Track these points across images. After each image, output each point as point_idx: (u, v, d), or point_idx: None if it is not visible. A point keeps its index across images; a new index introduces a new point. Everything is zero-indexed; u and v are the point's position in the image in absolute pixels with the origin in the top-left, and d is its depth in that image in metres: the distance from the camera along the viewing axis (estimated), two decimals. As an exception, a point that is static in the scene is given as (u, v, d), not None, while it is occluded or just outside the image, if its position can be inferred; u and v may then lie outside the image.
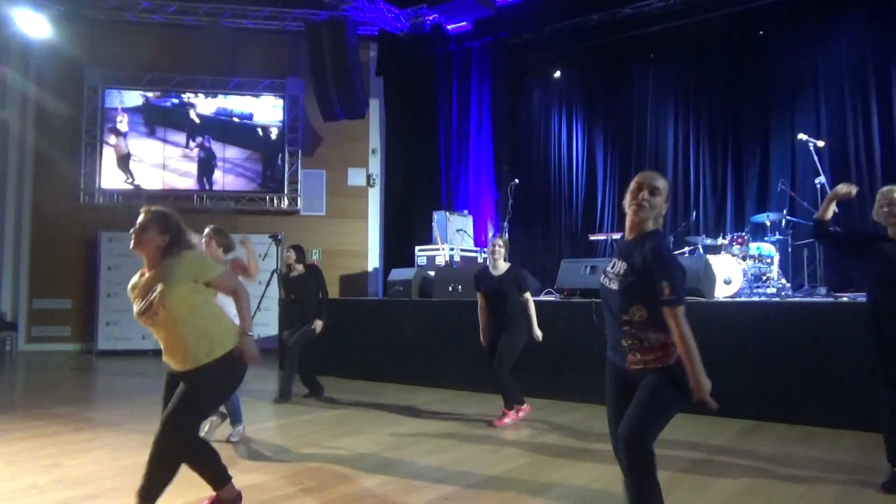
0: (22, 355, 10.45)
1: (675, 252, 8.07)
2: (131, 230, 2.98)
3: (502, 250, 5.30)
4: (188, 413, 2.90)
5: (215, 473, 3.06)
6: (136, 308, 2.95)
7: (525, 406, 5.41)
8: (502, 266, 5.31)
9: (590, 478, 3.81)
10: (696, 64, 9.98)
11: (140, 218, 2.99)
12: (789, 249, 7.52)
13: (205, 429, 4.34)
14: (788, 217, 7.58)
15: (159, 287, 2.84)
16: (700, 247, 8.02)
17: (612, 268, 2.51)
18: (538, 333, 5.24)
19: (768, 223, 7.72)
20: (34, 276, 10.88)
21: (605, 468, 3.96)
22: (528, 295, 5.27)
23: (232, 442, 4.59)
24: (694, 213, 9.21)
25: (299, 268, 6.41)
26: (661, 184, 2.51)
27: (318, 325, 6.27)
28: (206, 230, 4.51)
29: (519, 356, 5.24)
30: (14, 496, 3.36)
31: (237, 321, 3.09)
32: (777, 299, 6.56)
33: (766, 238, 7.65)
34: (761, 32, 9.21)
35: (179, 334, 2.88)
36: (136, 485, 2.86)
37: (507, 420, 5.29)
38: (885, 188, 3.49)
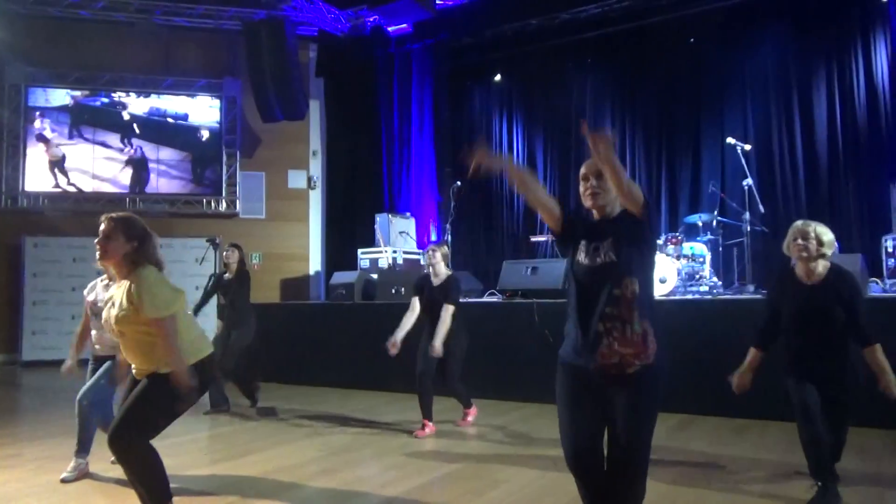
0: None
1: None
2: (96, 241, 2.85)
3: (437, 258, 5.16)
4: (143, 410, 2.80)
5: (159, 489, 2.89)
6: (104, 316, 2.91)
7: (473, 409, 5.43)
8: (443, 273, 5.19)
9: (533, 476, 3.85)
10: (631, 69, 10.27)
11: (102, 227, 2.85)
12: (720, 249, 7.81)
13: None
14: (719, 218, 7.87)
15: (122, 310, 2.77)
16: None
17: (592, 248, 2.37)
18: (437, 346, 4.90)
19: (700, 224, 7.98)
20: None
21: (547, 465, 4.01)
22: (449, 307, 4.99)
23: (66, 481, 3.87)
24: (630, 215, 9.45)
25: (233, 269, 6.19)
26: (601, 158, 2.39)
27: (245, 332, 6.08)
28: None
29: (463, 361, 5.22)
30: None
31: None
32: (709, 297, 6.81)
33: (698, 238, 7.91)
34: (692, 40, 9.55)
35: (139, 349, 2.85)
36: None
37: (469, 418, 5.36)
38: (799, 222, 3.47)
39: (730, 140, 7.45)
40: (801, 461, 3.42)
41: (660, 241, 7.90)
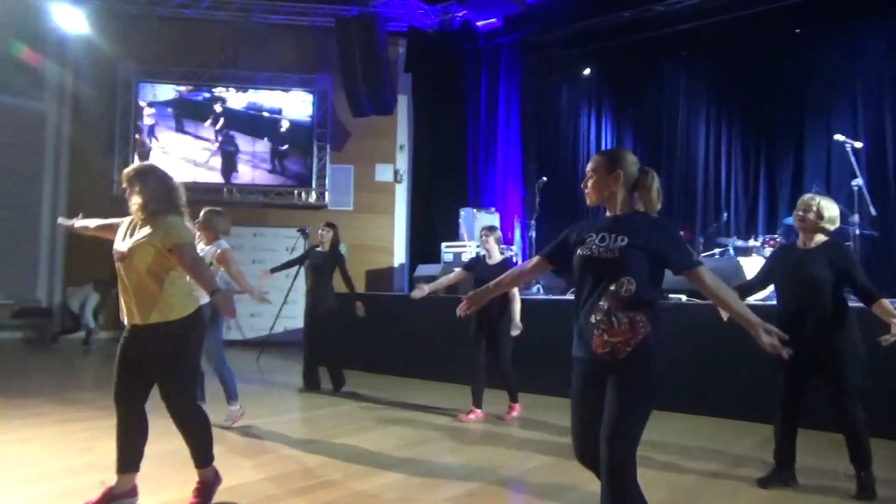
0: (59, 342, 10.69)
1: (704, 254, 7.98)
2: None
3: (491, 241, 5.43)
4: (187, 373, 3.11)
5: (205, 446, 3.17)
6: (115, 247, 3.12)
7: (518, 406, 5.48)
8: (497, 257, 5.46)
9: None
10: (729, 62, 9.81)
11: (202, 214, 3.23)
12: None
13: None
14: (823, 219, 7.42)
15: (136, 239, 3.01)
16: (731, 248, 7.90)
17: (601, 240, 2.43)
18: (518, 326, 5.20)
19: (803, 225, 7.54)
20: (68, 266, 11.13)
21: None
22: (513, 290, 5.17)
23: (224, 427, 4.71)
24: (725, 215, 9.07)
25: (326, 246, 6.48)
26: (591, 165, 2.58)
27: (359, 307, 6.46)
28: (203, 211, 4.79)
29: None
30: (49, 478, 3.45)
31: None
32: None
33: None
34: (797, 31, 9.02)
35: (139, 293, 3.02)
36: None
37: (514, 413, 5.41)
38: (807, 195, 3.67)
39: (838, 137, 6.97)
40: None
41: (757, 243, 7.56)
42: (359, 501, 3.29)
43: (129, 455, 3.10)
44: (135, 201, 3.10)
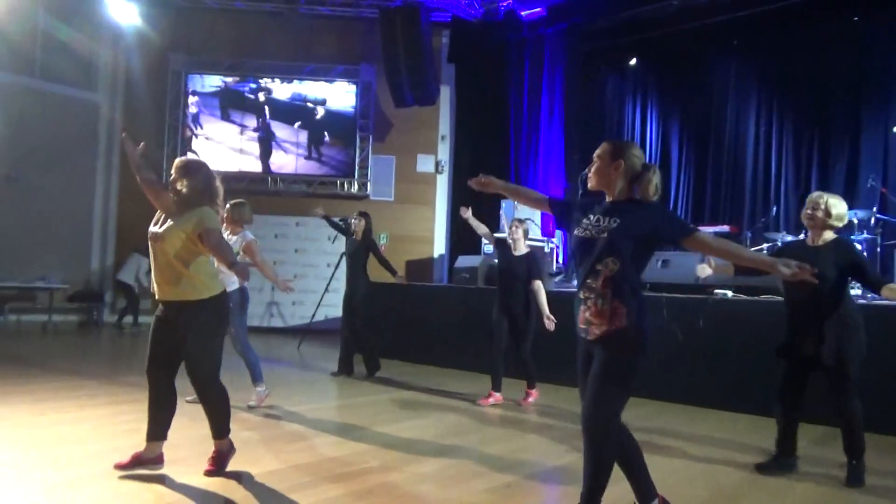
0: (107, 326, 11.07)
1: (753, 249, 7.77)
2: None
3: (520, 233, 5.55)
4: (211, 350, 3.36)
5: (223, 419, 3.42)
6: (151, 228, 3.32)
7: (535, 391, 5.68)
8: (522, 248, 5.55)
9: (655, 476, 3.71)
10: (782, 51, 9.50)
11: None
12: (878, 249, 7.10)
13: None
14: (878, 215, 7.17)
15: (168, 226, 3.25)
16: (780, 243, 7.67)
17: (595, 221, 2.61)
18: (551, 318, 5.23)
19: (855, 221, 7.31)
20: (120, 251, 11.48)
21: (673, 464, 3.86)
22: (537, 283, 5.35)
23: (250, 407, 4.95)
24: (774, 209, 8.83)
25: (359, 235, 6.66)
26: (598, 151, 2.71)
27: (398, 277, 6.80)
28: (228, 204, 4.89)
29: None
30: (97, 458, 3.57)
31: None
32: (862, 301, 6.22)
33: (852, 237, 7.24)
34: (855, 18, 8.67)
35: (167, 273, 3.26)
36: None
37: (531, 399, 5.59)
38: (814, 193, 3.77)
39: (896, 129, 6.72)
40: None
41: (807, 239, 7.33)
42: (395, 490, 3.32)
43: (157, 425, 3.39)
44: (179, 191, 3.30)
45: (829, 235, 3.68)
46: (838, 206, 3.67)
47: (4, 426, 4.21)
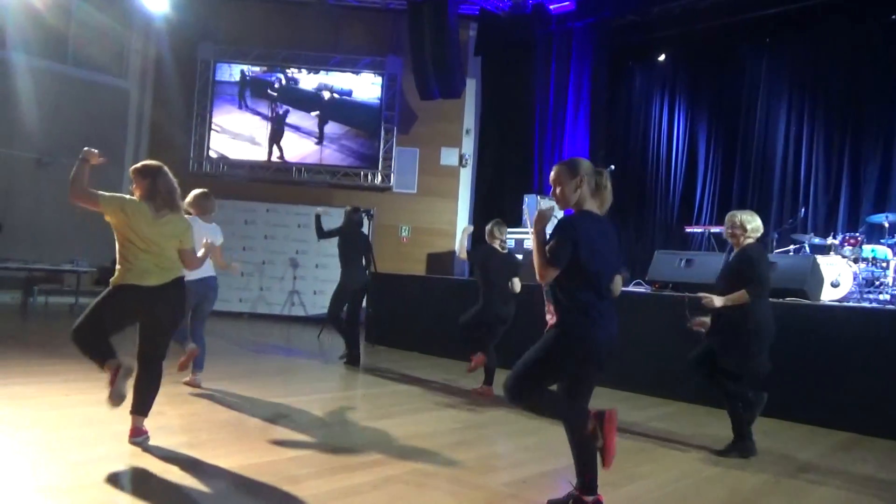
0: None
1: (778, 251, 7.67)
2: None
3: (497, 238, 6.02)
4: (172, 328, 3.80)
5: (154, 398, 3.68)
6: (146, 233, 3.65)
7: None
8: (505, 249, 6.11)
9: (672, 476, 3.70)
10: (815, 49, 9.32)
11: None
12: (909, 253, 6.96)
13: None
14: (910, 219, 7.01)
15: (171, 232, 3.69)
16: (807, 246, 7.57)
17: None
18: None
19: (886, 224, 7.17)
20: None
21: (690, 466, 3.84)
22: (515, 280, 5.96)
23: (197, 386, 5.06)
24: (802, 210, 8.65)
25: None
26: (552, 176, 2.94)
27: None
28: (196, 192, 5.24)
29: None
30: (123, 438, 3.64)
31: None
32: (891, 307, 6.10)
33: (882, 241, 7.11)
34: (893, 17, 8.46)
35: (159, 266, 3.63)
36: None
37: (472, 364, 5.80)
38: (730, 213, 4.27)
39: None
40: None
41: (836, 241, 7.21)
42: (413, 481, 3.34)
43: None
44: (159, 191, 3.73)
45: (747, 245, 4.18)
46: (751, 220, 4.15)
47: (33, 405, 4.31)
